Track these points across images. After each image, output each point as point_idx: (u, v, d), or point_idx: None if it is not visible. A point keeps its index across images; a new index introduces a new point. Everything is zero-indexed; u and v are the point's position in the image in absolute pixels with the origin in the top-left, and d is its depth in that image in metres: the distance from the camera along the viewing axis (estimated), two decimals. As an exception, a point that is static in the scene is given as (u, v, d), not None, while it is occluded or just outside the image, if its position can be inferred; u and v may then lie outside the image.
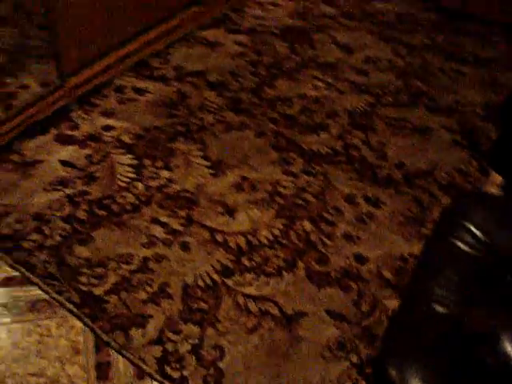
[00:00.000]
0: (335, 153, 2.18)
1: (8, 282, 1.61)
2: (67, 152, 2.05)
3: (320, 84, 2.53)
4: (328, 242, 1.84)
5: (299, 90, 2.47)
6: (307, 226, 1.88)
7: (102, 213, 1.84)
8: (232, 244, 1.80)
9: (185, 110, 2.30)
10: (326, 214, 1.93)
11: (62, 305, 1.56)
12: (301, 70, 2.60)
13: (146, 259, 1.71)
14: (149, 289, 1.64)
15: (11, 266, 1.64)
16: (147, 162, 2.05)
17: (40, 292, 1.59)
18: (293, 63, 2.64)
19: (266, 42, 2.75)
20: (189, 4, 2.69)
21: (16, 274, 1.63)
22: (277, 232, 1.86)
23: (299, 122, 2.30)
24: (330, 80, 2.55)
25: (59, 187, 1.92)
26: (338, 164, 2.13)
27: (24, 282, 1.61)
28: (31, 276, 1.62)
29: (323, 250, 1.81)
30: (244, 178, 2.03)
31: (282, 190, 2.01)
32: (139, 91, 2.36)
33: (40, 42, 2.56)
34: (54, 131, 2.13)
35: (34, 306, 1.56)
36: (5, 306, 1.56)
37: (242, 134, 2.22)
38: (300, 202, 1.97)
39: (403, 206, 1.99)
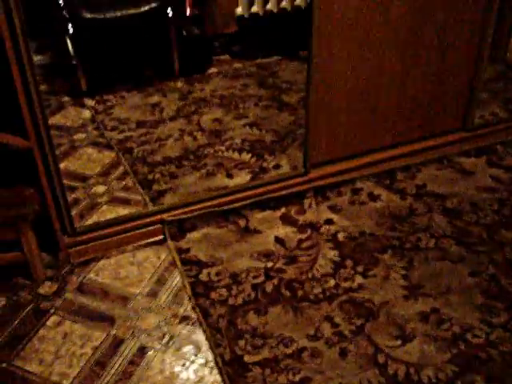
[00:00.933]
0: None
1: (183, 319, 1.87)
2: (284, 231, 2.27)
3: None
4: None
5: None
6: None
7: (287, 293, 1.99)
8: (390, 370, 1.76)
9: (408, 226, 2.33)
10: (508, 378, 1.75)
11: (214, 357, 1.75)
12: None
13: (302, 349, 1.80)
14: (291, 377, 1.71)
15: (192, 308, 1.90)
16: (349, 262, 2.14)
17: (203, 338, 1.81)
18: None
19: (525, 183, 2.61)
20: (453, 130, 2.73)
21: (192, 315, 1.88)
22: (442, 376, 1.75)
23: (522, 274, 2.13)
24: None
25: (263, 259, 2.14)
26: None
27: (194, 324, 1.85)
28: (203, 322, 1.84)
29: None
30: (434, 311, 1.97)
31: (469, 336, 1.89)
32: (373, 197, 2.48)
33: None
34: (282, 210, 2.38)
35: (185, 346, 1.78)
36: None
37: (454, 267, 2.15)
38: (483, 355, 1.83)
39: None
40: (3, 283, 2.07)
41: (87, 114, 3.22)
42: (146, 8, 3.24)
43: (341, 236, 2.26)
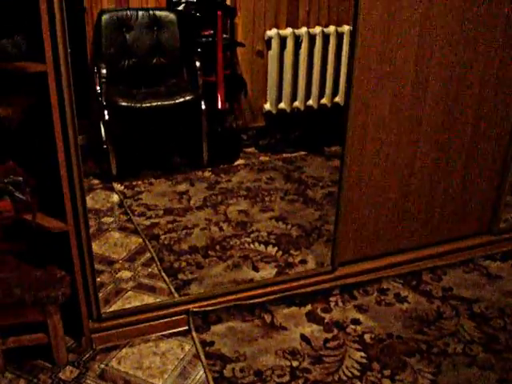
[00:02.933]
0: None
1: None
2: (310, 329, 2.24)
3: None
4: None
5: None
6: None
7: (312, 395, 1.94)
8: None
9: (435, 330, 2.29)
10: None
11: None
12: None
13: None
14: None
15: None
16: (376, 366, 2.09)
17: None
18: None
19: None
20: (479, 233, 2.74)
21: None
22: None
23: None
24: None
25: (289, 356, 2.10)
26: None
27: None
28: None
29: None
30: (465, 422, 1.90)
31: None
32: (399, 298, 2.45)
33: (333, 228, 2.90)
34: (308, 307, 2.36)
35: None
36: None
37: (482, 373, 2.10)
38: None
39: None
40: (23, 364, 2.03)
41: (116, 198, 3.28)
42: (181, 100, 3.37)
43: (367, 337, 2.22)
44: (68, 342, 2.10)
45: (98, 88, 3.35)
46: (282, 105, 4.11)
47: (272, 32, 3.89)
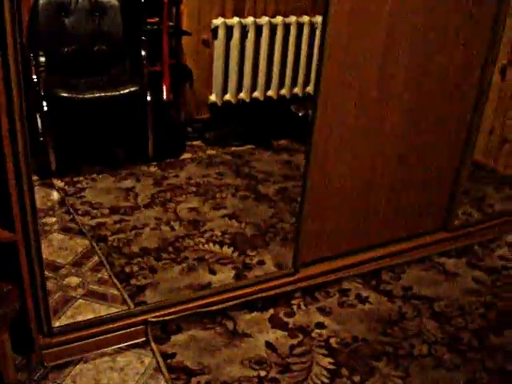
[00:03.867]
0: None
1: None
2: (275, 335, 2.15)
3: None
4: None
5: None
6: None
7: (283, 407, 1.85)
8: None
9: (400, 331, 2.25)
10: None
11: None
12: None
13: None
14: None
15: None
16: (345, 371, 2.03)
17: None
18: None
19: (506, 288, 2.61)
20: (435, 230, 2.74)
21: None
22: None
23: (519, 387, 2.08)
24: None
25: (255, 366, 2.00)
26: None
27: None
28: None
29: None
30: (437, 427, 1.87)
31: None
32: (361, 299, 2.41)
33: (288, 226, 2.83)
34: (271, 311, 2.27)
35: None
36: None
37: (449, 375, 2.08)
38: None
39: None
40: (-36, 388, 1.84)
41: (56, 195, 3.06)
42: (126, 91, 3.18)
43: (333, 341, 2.16)
44: (16, 359, 1.91)
45: (35, 77, 3.11)
46: (227, 96, 3.98)
47: (218, 21, 3.75)
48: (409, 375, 2.05)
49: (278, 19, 3.87)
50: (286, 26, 3.91)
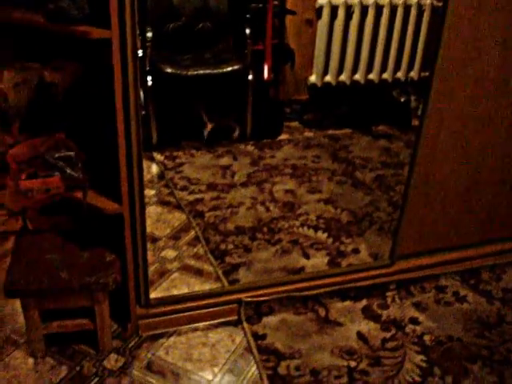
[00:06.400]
0: None
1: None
2: (367, 327, 2.11)
3: None
4: None
5: None
6: None
7: (371, 401, 1.82)
8: None
9: (497, 335, 2.15)
10: None
11: None
12: None
13: None
14: None
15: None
16: (437, 371, 1.96)
17: None
18: None
19: None
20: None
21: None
22: None
23: None
24: None
25: (346, 356, 1.97)
26: None
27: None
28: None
29: None
30: None
31: None
32: (459, 298, 2.31)
33: (386, 216, 2.75)
34: (364, 302, 2.23)
35: None
36: None
37: (551, 389, 1.97)
38: None
39: None
40: (65, 349, 1.93)
41: (156, 168, 3.14)
42: (229, 69, 3.19)
43: (427, 339, 2.09)
44: (112, 327, 1.99)
45: (141, 51, 3.18)
46: (327, 78, 3.92)
47: (323, 0, 3.67)
48: (504, 381, 1.96)
49: (385, 0, 3.73)
50: (393, 8, 3.77)
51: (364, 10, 3.75)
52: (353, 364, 1.95)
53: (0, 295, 1.99)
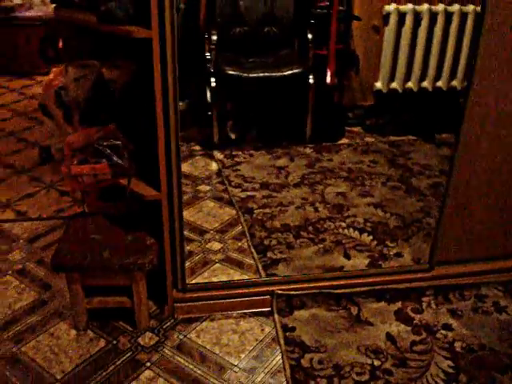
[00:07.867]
0: None
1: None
2: (398, 328, 2.12)
3: None
4: None
5: None
6: None
7: (391, 400, 1.84)
8: None
9: (536, 348, 2.10)
10: None
11: None
12: None
13: None
14: None
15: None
16: (463, 378, 1.94)
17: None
18: None
19: None
20: None
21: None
22: None
23: None
24: None
25: (371, 355, 2.00)
26: None
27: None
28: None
29: None
30: None
31: None
32: (498, 308, 2.27)
33: (434, 222, 2.72)
34: (398, 304, 2.24)
35: None
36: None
37: None
38: None
39: None
40: (105, 324, 2.08)
41: (214, 166, 3.28)
42: (289, 72, 3.28)
43: (458, 345, 2.07)
44: (150, 308, 2.12)
45: (208, 54, 3.33)
46: (393, 84, 3.91)
47: (391, 7, 3.69)
48: (537, 396, 1.91)
49: (455, 7, 3.69)
50: (463, 15, 3.71)
51: (433, 16, 3.72)
52: (377, 363, 1.97)
53: (53, 273, 2.18)
